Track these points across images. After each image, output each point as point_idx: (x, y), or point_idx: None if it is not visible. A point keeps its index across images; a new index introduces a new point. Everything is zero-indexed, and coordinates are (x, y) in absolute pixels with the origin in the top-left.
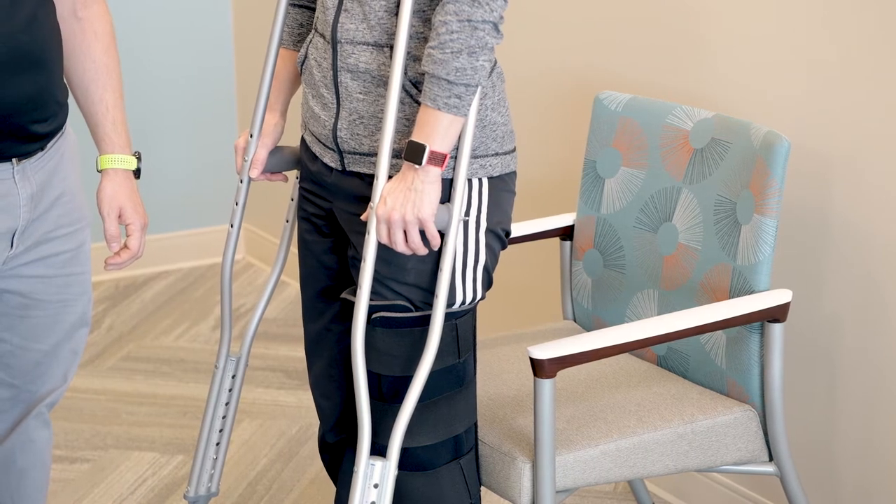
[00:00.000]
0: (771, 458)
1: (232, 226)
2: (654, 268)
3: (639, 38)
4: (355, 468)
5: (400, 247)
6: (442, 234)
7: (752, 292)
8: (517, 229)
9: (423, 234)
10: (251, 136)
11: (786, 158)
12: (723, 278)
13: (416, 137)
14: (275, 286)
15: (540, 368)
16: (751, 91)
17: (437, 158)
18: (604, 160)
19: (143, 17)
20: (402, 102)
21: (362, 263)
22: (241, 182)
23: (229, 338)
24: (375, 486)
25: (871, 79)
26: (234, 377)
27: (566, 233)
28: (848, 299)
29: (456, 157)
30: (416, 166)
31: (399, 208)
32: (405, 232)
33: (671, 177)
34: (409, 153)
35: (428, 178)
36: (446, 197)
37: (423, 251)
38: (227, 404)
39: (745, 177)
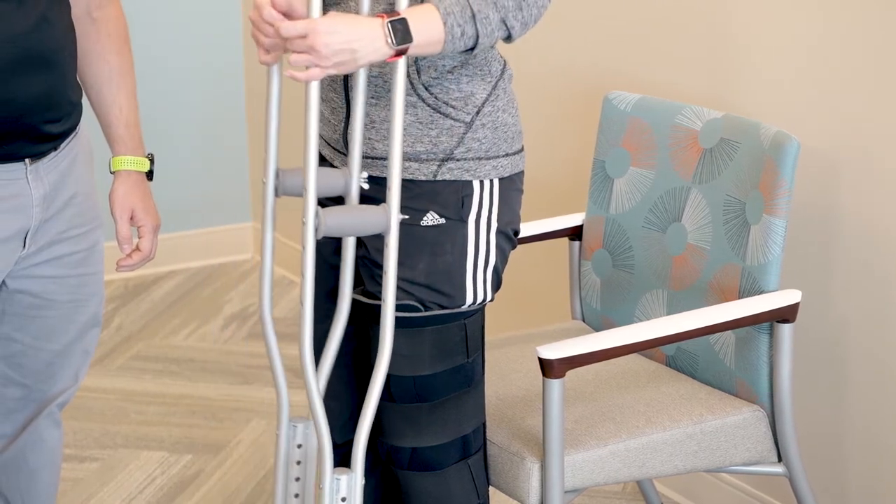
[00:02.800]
0: (780, 459)
1: (265, 238)
2: (663, 268)
3: (648, 39)
4: (320, 484)
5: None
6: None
7: (761, 292)
8: (526, 229)
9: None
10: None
11: (795, 158)
12: (732, 278)
13: (411, 17)
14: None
15: (549, 368)
16: (760, 91)
17: (401, 51)
18: (613, 160)
19: (151, 16)
20: (413, 106)
21: (302, 280)
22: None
23: (286, 399)
24: (343, 499)
25: (881, 79)
26: (300, 446)
27: (575, 233)
28: (857, 300)
29: (387, 158)
30: (390, 41)
31: (337, 48)
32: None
33: (680, 177)
34: (396, 21)
35: (379, 53)
36: (466, 200)
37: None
38: (297, 479)
39: (755, 177)
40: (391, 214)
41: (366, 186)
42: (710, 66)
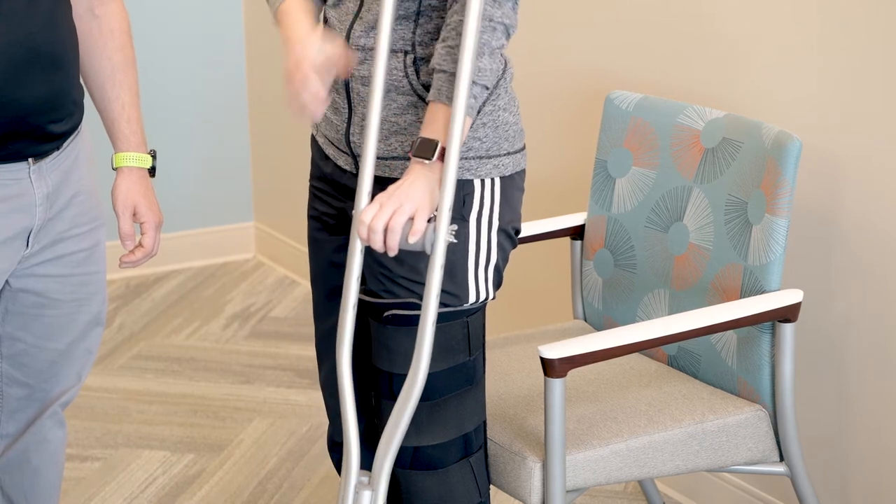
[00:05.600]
0: (781, 459)
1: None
2: (665, 267)
3: (650, 39)
4: (342, 493)
5: (397, 235)
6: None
7: (762, 292)
8: (528, 229)
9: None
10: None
11: (797, 158)
12: (734, 278)
13: (426, 134)
14: None
15: (550, 368)
16: (762, 91)
17: (440, 155)
18: (615, 160)
19: (154, 16)
20: (414, 107)
21: (346, 276)
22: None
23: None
24: None
25: (884, 79)
26: None
27: (577, 232)
28: (859, 299)
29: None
30: (426, 161)
31: (419, 197)
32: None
33: (682, 176)
34: (421, 149)
35: (437, 175)
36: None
37: (394, 247)
38: None
39: (757, 177)
40: (439, 233)
41: (454, 240)
42: (712, 66)
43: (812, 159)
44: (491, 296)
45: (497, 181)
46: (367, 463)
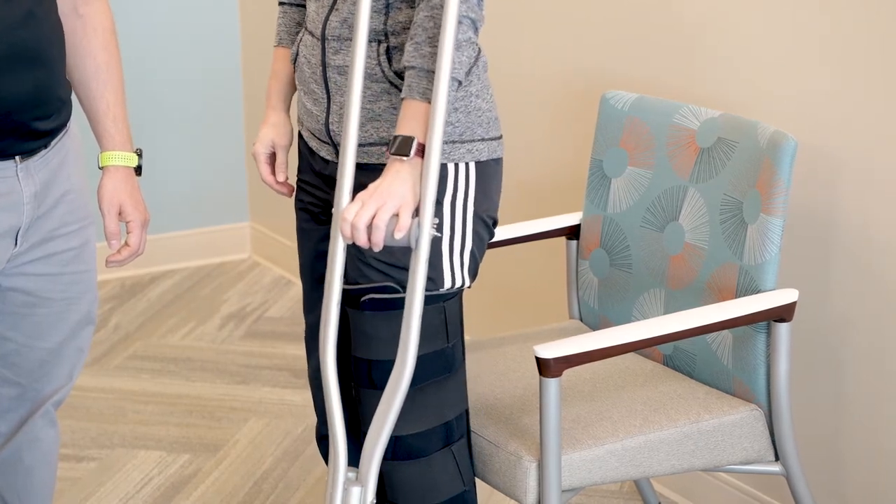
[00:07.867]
0: (777, 458)
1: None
2: (661, 267)
3: (646, 38)
4: (330, 491)
5: (381, 232)
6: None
7: (758, 292)
8: (523, 229)
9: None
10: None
11: (792, 158)
12: (729, 278)
13: (402, 131)
14: None
15: (546, 368)
16: (758, 91)
17: (418, 150)
18: (610, 159)
19: (150, 16)
20: (387, 93)
21: (327, 273)
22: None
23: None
24: None
25: (879, 78)
26: None
27: (572, 232)
28: (855, 299)
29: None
30: (404, 158)
31: (402, 193)
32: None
33: (678, 176)
34: (399, 147)
35: (417, 170)
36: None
37: (379, 243)
38: None
39: (752, 176)
40: (423, 228)
41: (438, 234)
42: (708, 66)
43: (808, 159)
44: (466, 283)
45: (472, 166)
46: (351, 458)
